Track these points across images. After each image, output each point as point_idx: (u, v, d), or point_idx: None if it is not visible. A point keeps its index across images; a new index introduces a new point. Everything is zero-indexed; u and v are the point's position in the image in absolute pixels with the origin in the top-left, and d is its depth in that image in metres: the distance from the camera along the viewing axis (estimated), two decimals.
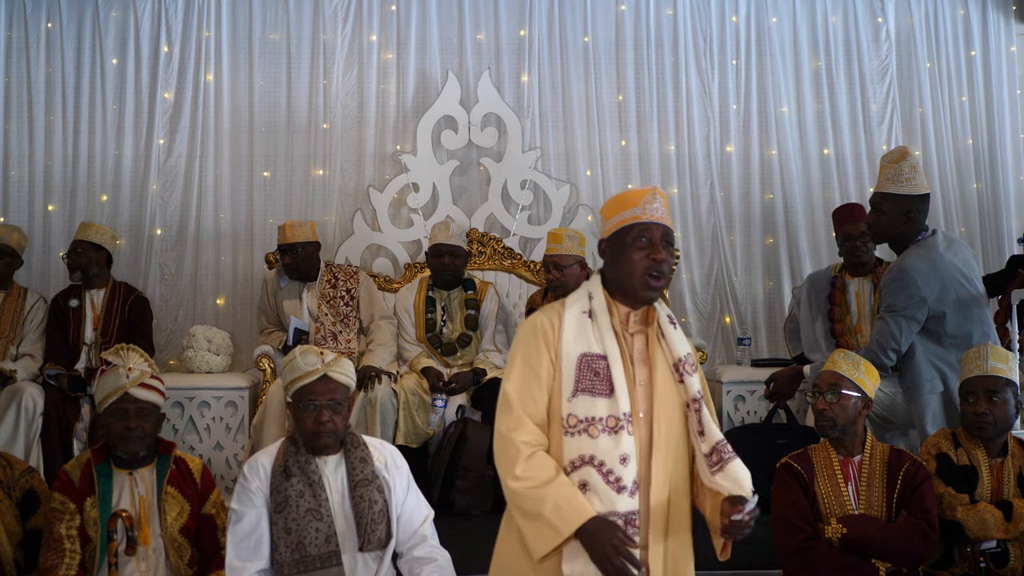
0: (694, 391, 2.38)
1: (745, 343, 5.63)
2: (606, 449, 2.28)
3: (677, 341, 2.41)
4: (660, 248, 2.39)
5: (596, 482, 2.27)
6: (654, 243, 2.39)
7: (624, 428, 2.29)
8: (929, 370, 3.75)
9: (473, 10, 6.03)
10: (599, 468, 2.28)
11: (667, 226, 2.41)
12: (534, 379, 2.36)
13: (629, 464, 2.29)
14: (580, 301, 2.43)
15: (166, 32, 5.87)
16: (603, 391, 2.33)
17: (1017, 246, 5.95)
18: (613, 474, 2.27)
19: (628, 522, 2.27)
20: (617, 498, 2.27)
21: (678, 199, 6.05)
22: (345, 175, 5.92)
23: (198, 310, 5.79)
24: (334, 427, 2.94)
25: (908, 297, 3.71)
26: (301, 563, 2.83)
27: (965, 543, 3.22)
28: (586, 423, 2.31)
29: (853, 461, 3.20)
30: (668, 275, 2.42)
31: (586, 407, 2.32)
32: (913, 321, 3.72)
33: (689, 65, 6.09)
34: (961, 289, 3.76)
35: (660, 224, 2.40)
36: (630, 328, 2.43)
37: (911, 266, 3.75)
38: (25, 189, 5.82)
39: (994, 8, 6.29)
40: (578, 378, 2.34)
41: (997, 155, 6.20)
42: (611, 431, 2.29)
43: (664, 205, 2.43)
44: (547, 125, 6.02)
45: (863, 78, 6.17)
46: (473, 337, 5.09)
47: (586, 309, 2.41)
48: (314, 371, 2.94)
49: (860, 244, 4.51)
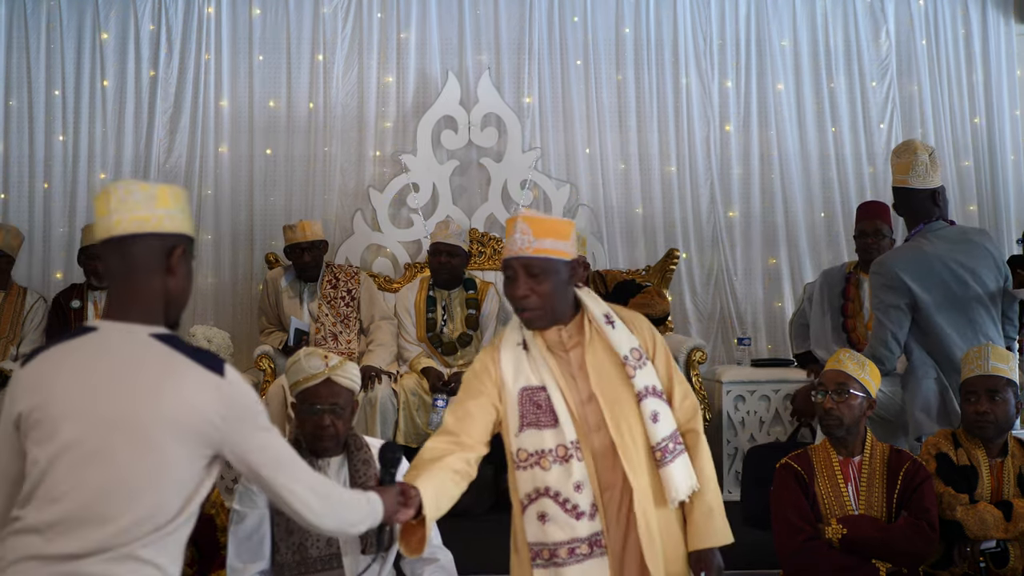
0: (640, 386, 2.36)
1: (745, 343, 5.62)
2: (559, 479, 2.31)
3: (617, 339, 2.39)
4: (519, 284, 2.34)
5: (555, 512, 2.31)
6: (515, 279, 2.35)
7: (573, 456, 2.32)
8: (922, 356, 3.77)
9: (473, 10, 6.03)
10: (555, 498, 2.31)
11: (527, 257, 2.33)
12: (466, 395, 2.42)
13: (584, 490, 2.32)
14: (513, 333, 2.44)
15: (166, 32, 5.86)
16: (548, 422, 2.34)
17: (1017, 246, 5.95)
18: (570, 502, 2.31)
19: (593, 543, 2.31)
20: (577, 524, 2.31)
21: (678, 199, 6.05)
22: (345, 175, 5.92)
23: (198, 310, 5.78)
24: (335, 431, 2.93)
25: (889, 289, 3.74)
26: (302, 565, 2.83)
27: (965, 543, 3.21)
28: (537, 456, 2.34)
29: (853, 461, 3.20)
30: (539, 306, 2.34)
31: (534, 440, 2.34)
32: (900, 311, 3.74)
33: (689, 65, 6.09)
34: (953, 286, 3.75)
35: (519, 257, 2.34)
36: (567, 344, 2.41)
37: (889, 259, 3.82)
38: (25, 189, 5.82)
39: (994, 8, 6.30)
40: (522, 413, 2.36)
41: (997, 155, 6.21)
42: (562, 460, 2.32)
43: (530, 232, 2.33)
44: (547, 125, 6.02)
45: (863, 78, 6.17)
46: (473, 337, 5.09)
47: (519, 341, 2.41)
48: (317, 375, 2.94)
49: (873, 241, 4.50)
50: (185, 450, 1.84)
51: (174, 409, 1.83)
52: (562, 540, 2.30)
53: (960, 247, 3.83)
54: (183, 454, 1.84)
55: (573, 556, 2.30)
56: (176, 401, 1.83)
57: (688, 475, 2.36)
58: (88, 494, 1.78)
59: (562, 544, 2.31)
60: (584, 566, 2.30)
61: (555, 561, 2.30)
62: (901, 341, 3.78)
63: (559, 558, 2.30)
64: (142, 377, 1.84)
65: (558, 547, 2.31)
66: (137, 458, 1.80)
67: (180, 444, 1.83)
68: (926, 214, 3.86)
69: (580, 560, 2.30)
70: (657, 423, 2.35)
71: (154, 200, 1.90)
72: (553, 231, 2.35)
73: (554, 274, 2.34)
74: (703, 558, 2.36)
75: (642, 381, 2.37)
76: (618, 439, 2.33)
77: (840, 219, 6.07)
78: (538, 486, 2.33)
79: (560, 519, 2.30)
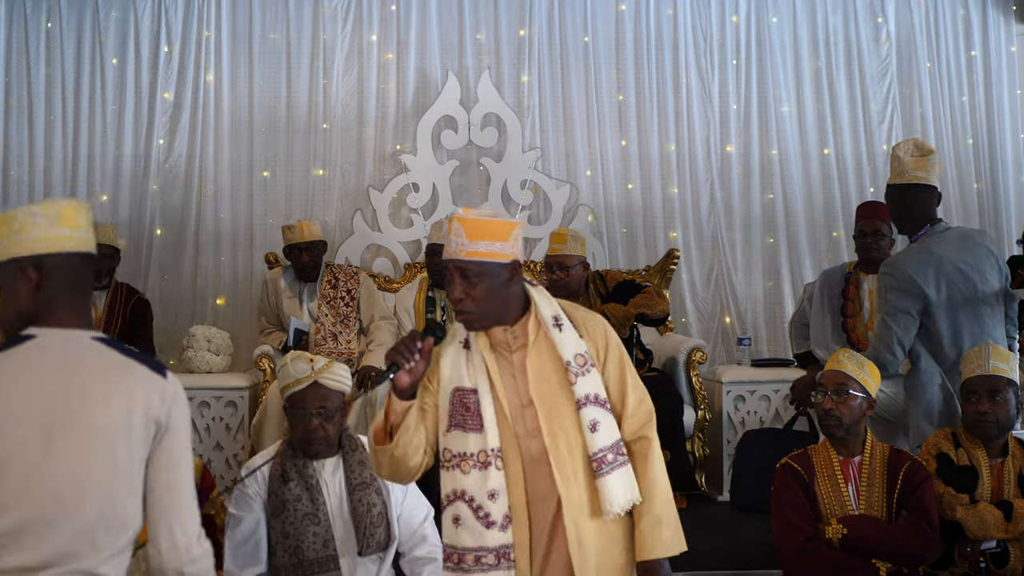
0: (581, 394, 2.29)
1: (745, 343, 5.62)
2: (475, 485, 2.27)
3: (564, 343, 2.32)
4: (454, 286, 2.28)
5: (466, 517, 2.27)
6: (451, 281, 2.30)
7: (492, 464, 2.27)
8: (929, 363, 3.75)
9: (473, 10, 6.03)
10: (469, 503, 2.27)
11: (461, 260, 2.26)
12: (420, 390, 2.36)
13: (498, 499, 2.27)
14: (459, 331, 2.38)
15: (166, 32, 5.86)
16: (474, 426, 2.29)
17: (1017, 247, 5.95)
18: (483, 509, 2.26)
19: (501, 555, 2.26)
20: (487, 533, 2.26)
21: (678, 199, 6.05)
22: (345, 175, 5.91)
23: (198, 310, 5.78)
24: (324, 434, 2.93)
25: (902, 292, 3.71)
26: (299, 568, 2.83)
27: (965, 543, 3.21)
28: (459, 458, 2.29)
29: (853, 461, 3.20)
30: (474, 309, 2.28)
31: (459, 443, 2.30)
32: (910, 316, 3.71)
33: (689, 65, 6.09)
34: (962, 287, 3.74)
35: (452, 260, 2.28)
36: (512, 345, 2.35)
37: (902, 261, 3.76)
38: (25, 189, 5.82)
39: (994, 8, 6.30)
40: (451, 413, 2.32)
41: (997, 155, 6.21)
42: (481, 466, 2.27)
43: (465, 233, 2.26)
44: (547, 125, 6.02)
45: (863, 78, 6.17)
46: None
47: (462, 339, 2.36)
48: (304, 379, 2.93)
49: (872, 241, 4.50)
50: (134, 450, 1.87)
51: (125, 408, 1.85)
52: (470, 547, 2.26)
53: (965, 248, 3.80)
54: (133, 454, 1.86)
55: (479, 565, 2.26)
56: (127, 400, 1.86)
57: (628, 488, 2.28)
58: (38, 500, 1.77)
59: (470, 551, 2.26)
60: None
61: (462, 567, 2.27)
62: (907, 347, 3.74)
63: (466, 564, 2.26)
64: (90, 379, 1.86)
65: (466, 553, 2.26)
66: (88, 459, 1.81)
67: (129, 444, 1.86)
68: (932, 214, 3.84)
69: (485, 570, 2.25)
70: (596, 432, 2.28)
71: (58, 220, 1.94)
72: (489, 233, 2.26)
73: (489, 277, 2.26)
74: (649, 570, 2.29)
75: (583, 389, 2.29)
76: (551, 447, 2.28)
77: (840, 219, 6.07)
78: (456, 488, 2.29)
79: (471, 525, 2.26)
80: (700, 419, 4.97)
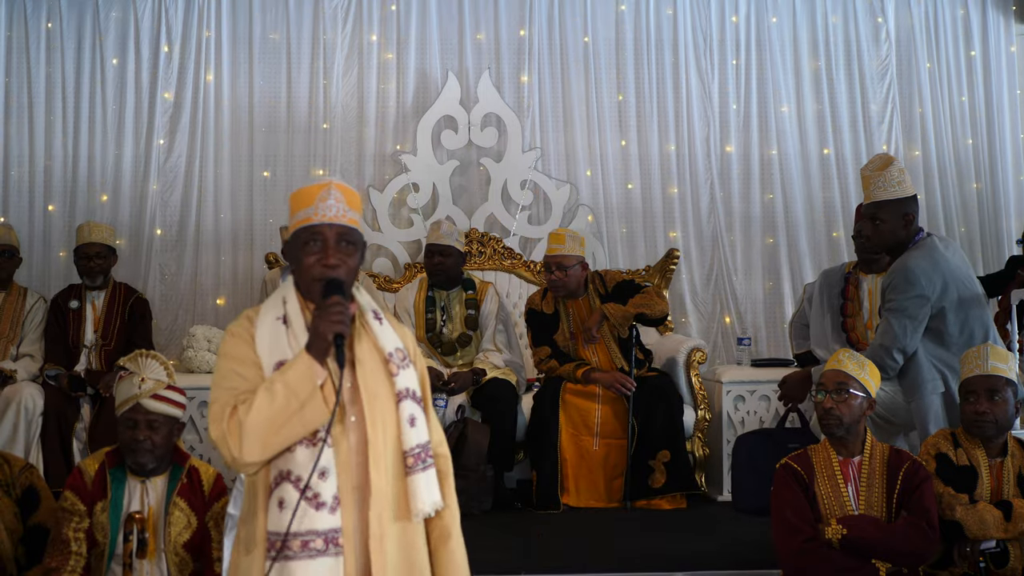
0: (401, 386, 2.21)
1: (745, 343, 5.62)
2: (303, 463, 2.11)
3: (383, 336, 2.24)
4: (332, 252, 2.17)
5: (293, 499, 2.09)
6: (326, 247, 2.18)
7: (323, 440, 2.11)
8: (931, 370, 3.74)
9: (473, 10, 6.03)
10: (296, 484, 2.10)
11: (344, 225, 2.18)
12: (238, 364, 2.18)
13: (328, 479, 2.11)
14: (275, 308, 2.24)
15: (166, 32, 5.87)
16: None
17: (1016, 247, 5.95)
18: (311, 490, 2.09)
19: (330, 540, 2.10)
20: (316, 515, 2.09)
21: (678, 199, 6.05)
22: (345, 175, 5.91)
23: (198, 310, 5.79)
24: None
25: (910, 296, 3.71)
26: None
27: (965, 543, 3.21)
28: None
29: (853, 462, 3.20)
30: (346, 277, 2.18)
31: None
32: (916, 320, 3.71)
33: (689, 65, 6.09)
34: (963, 288, 3.77)
35: (334, 224, 2.18)
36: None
37: (914, 264, 3.75)
38: (25, 189, 5.82)
39: (994, 8, 6.30)
40: None
41: (997, 155, 6.21)
42: (309, 443, 2.12)
43: (344, 201, 2.19)
44: (547, 125, 6.03)
45: (863, 78, 6.18)
46: (473, 337, 5.09)
47: (280, 315, 2.23)
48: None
49: None
50: None
51: None
52: (296, 530, 2.08)
53: (954, 251, 3.88)
54: None
55: (305, 550, 2.08)
56: None
57: (435, 491, 2.22)
58: None
59: (296, 535, 2.08)
60: (315, 563, 2.08)
61: (286, 553, 2.08)
62: (910, 352, 3.75)
63: (290, 550, 2.08)
64: None
65: (291, 538, 2.08)
66: None
67: None
68: (918, 220, 3.88)
69: (312, 556, 2.08)
70: (414, 427, 2.20)
71: None
72: (357, 206, 2.24)
73: (361, 247, 2.24)
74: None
75: (403, 382, 2.21)
76: (372, 435, 2.16)
77: (840, 219, 6.07)
78: (282, 469, 2.12)
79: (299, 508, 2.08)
80: (700, 419, 4.97)
